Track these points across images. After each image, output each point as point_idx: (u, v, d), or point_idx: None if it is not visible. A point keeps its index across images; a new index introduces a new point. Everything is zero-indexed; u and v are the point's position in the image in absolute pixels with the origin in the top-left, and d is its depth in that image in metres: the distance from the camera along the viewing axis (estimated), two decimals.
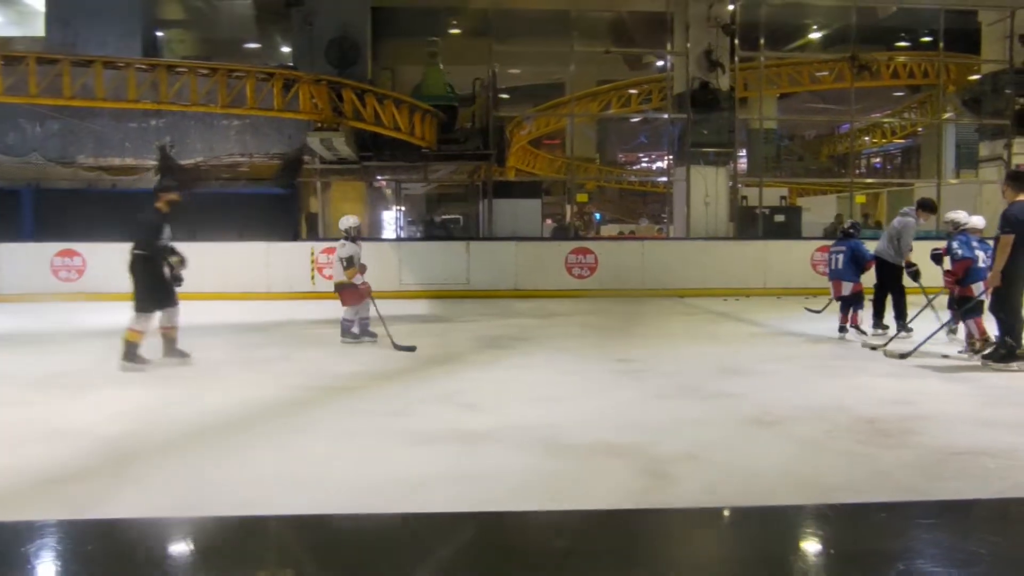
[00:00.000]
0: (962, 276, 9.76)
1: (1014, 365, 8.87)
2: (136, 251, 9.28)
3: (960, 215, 10.30)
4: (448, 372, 9.10)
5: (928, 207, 11.66)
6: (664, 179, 25.68)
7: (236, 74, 17.49)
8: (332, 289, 11.38)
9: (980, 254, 9.82)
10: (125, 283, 9.41)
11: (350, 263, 10.86)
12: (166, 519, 4.68)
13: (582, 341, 11.69)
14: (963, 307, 9.69)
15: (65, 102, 17.21)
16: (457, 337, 12.09)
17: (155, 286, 9.27)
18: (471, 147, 20.92)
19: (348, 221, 11.24)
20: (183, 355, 9.48)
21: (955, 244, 9.83)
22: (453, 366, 9.55)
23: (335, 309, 14.23)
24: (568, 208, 26.56)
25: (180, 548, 4.45)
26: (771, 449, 5.97)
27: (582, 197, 34.05)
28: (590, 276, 17.96)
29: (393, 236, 26.39)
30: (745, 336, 12.26)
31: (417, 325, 13.55)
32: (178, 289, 9.56)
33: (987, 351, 9.28)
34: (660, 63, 25.57)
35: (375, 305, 11.09)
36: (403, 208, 28.34)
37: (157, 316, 9.35)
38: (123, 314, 9.85)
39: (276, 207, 19.02)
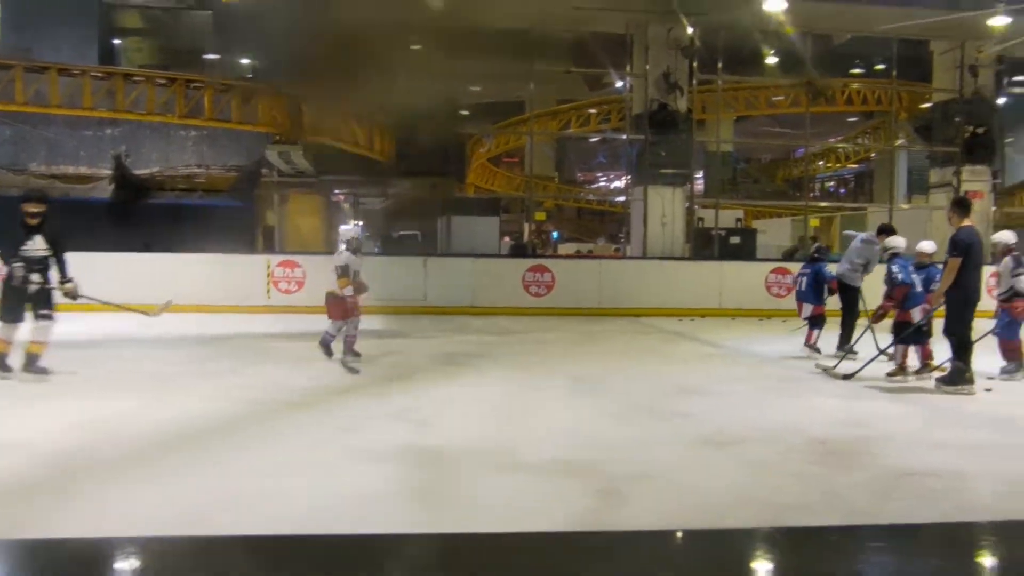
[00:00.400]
0: (901, 301, 9.92)
1: (964, 388, 9.04)
2: None
3: (895, 240, 10.53)
4: (403, 388, 9.04)
5: (888, 232, 11.86)
6: (622, 199, 25.84)
7: (195, 85, 17.36)
8: (288, 303, 11.24)
9: (916, 279, 10.02)
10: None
11: (344, 272, 10.61)
12: (110, 538, 4.57)
13: (538, 359, 11.69)
14: (902, 332, 9.85)
15: (18, 108, 16.98)
16: (413, 353, 12.03)
17: (8, 298, 8.94)
18: (430, 163, 20.92)
19: (349, 232, 11.02)
20: (42, 371, 9.00)
21: (895, 268, 10.00)
22: (408, 382, 9.48)
23: (289, 323, 14.16)
24: (526, 226, 26.61)
25: (123, 568, 4.36)
26: (725, 469, 6.00)
27: (540, 215, 34.15)
28: (547, 294, 17.97)
29: None
30: (700, 356, 12.33)
31: (373, 340, 13.43)
32: (84, 301, 9.35)
33: (940, 375, 9.47)
34: (619, 84, 25.81)
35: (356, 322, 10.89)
36: (361, 223, 28.18)
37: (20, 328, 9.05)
38: (70, 325, 9.70)
39: (232, 219, 18.85)
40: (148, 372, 9.65)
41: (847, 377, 9.74)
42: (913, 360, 10.00)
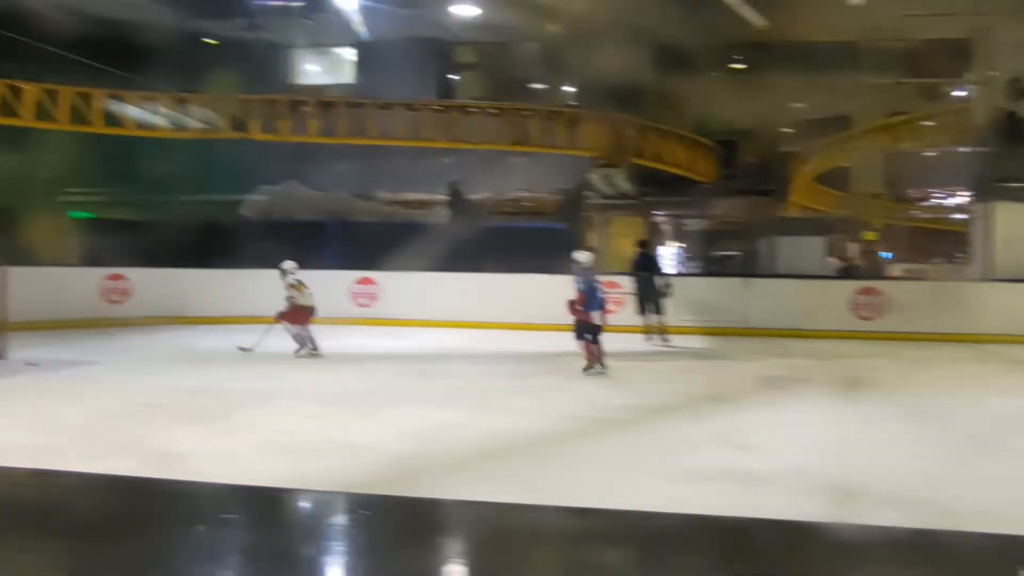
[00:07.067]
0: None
1: None
2: None
3: None
4: (722, 411, 8.93)
5: None
6: (961, 216, 23.98)
7: (523, 113, 18.17)
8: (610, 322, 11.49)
9: None
10: (417, 310, 10.00)
11: None
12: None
13: (865, 386, 11.09)
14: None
15: (369, 141, 18.62)
16: (732, 375, 11.86)
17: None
18: (752, 183, 20.54)
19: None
20: None
21: None
22: (727, 405, 9.35)
23: (611, 342, 14.44)
24: (853, 246, 25.38)
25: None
26: None
27: (869, 235, 32.37)
28: (876, 318, 16.99)
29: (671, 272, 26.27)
30: None
31: (691, 361, 13.40)
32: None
33: None
34: (957, 93, 24.03)
35: None
36: (681, 244, 28.16)
37: None
38: (411, 340, 10.41)
39: (556, 241, 19.47)
40: (475, 386, 10.19)
41: None
42: None
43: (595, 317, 11.03)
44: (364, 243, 19.56)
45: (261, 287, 16.34)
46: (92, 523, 3.46)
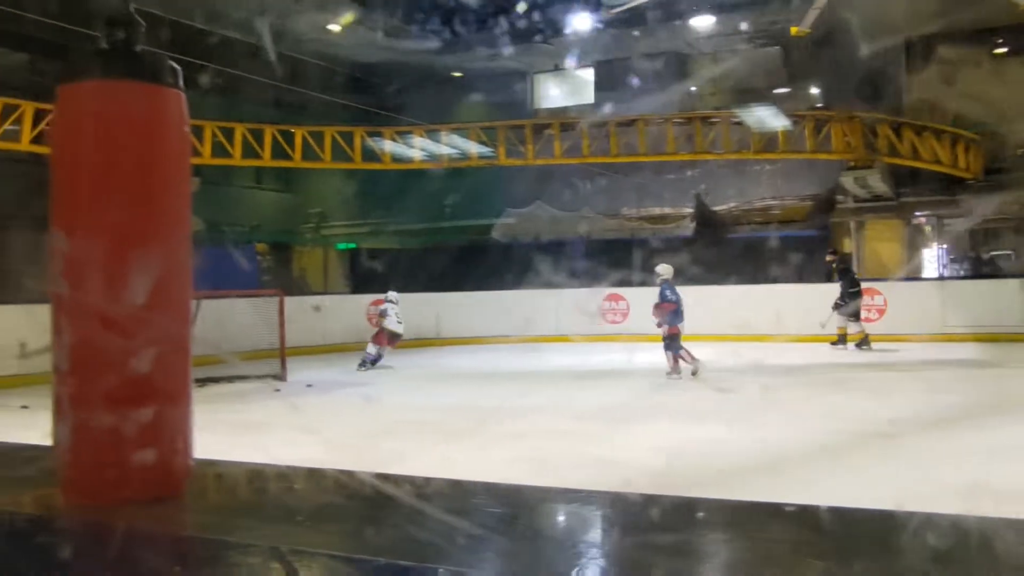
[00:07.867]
0: None
1: None
2: None
3: None
4: (1001, 423, 8.28)
5: None
6: None
7: None
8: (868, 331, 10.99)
9: None
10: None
11: None
12: None
13: None
14: None
15: (611, 159, 18.81)
16: (1012, 385, 10.99)
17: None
18: None
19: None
20: None
21: None
22: (1007, 417, 8.66)
23: (865, 354, 13.78)
24: None
25: None
26: None
27: None
28: None
29: (935, 275, 24.69)
30: None
31: (964, 370, 12.55)
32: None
33: None
34: None
35: None
36: (945, 245, 26.41)
37: None
38: (660, 355, 10.41)
39: (807, 249, 18.83)
40: (727, 399, 10.03)
41: None
42: None
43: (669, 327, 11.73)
44: (612, 260, 19.71)
45: (511, 308, 16.85)
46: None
